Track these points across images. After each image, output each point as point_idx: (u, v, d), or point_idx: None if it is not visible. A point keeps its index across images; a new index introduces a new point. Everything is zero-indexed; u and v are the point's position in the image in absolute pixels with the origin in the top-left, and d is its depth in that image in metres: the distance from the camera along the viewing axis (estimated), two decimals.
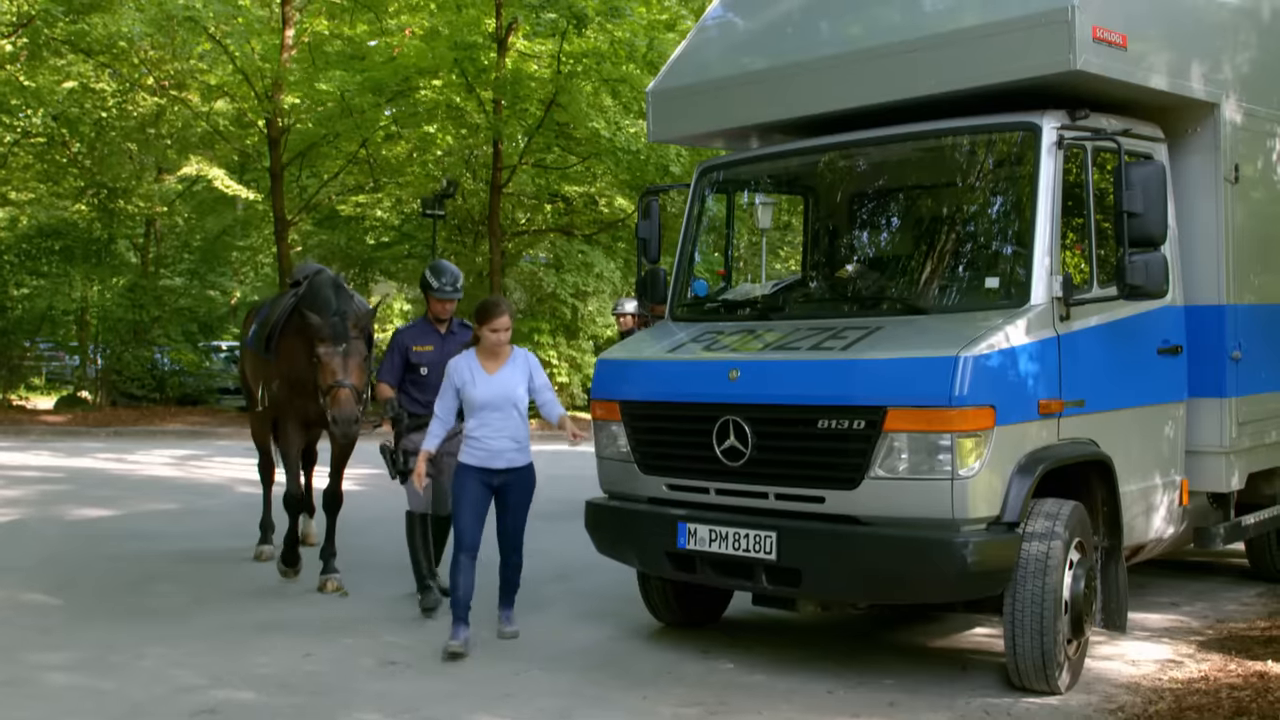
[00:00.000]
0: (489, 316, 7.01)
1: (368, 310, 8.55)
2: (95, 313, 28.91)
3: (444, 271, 8.30)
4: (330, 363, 8.03)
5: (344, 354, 8.06)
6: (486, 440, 6.99)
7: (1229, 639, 7.21)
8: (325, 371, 8.04)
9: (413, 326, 8.48)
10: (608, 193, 27.08)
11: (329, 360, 8.04)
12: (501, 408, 6.97)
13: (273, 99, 25.18)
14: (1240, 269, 7.25)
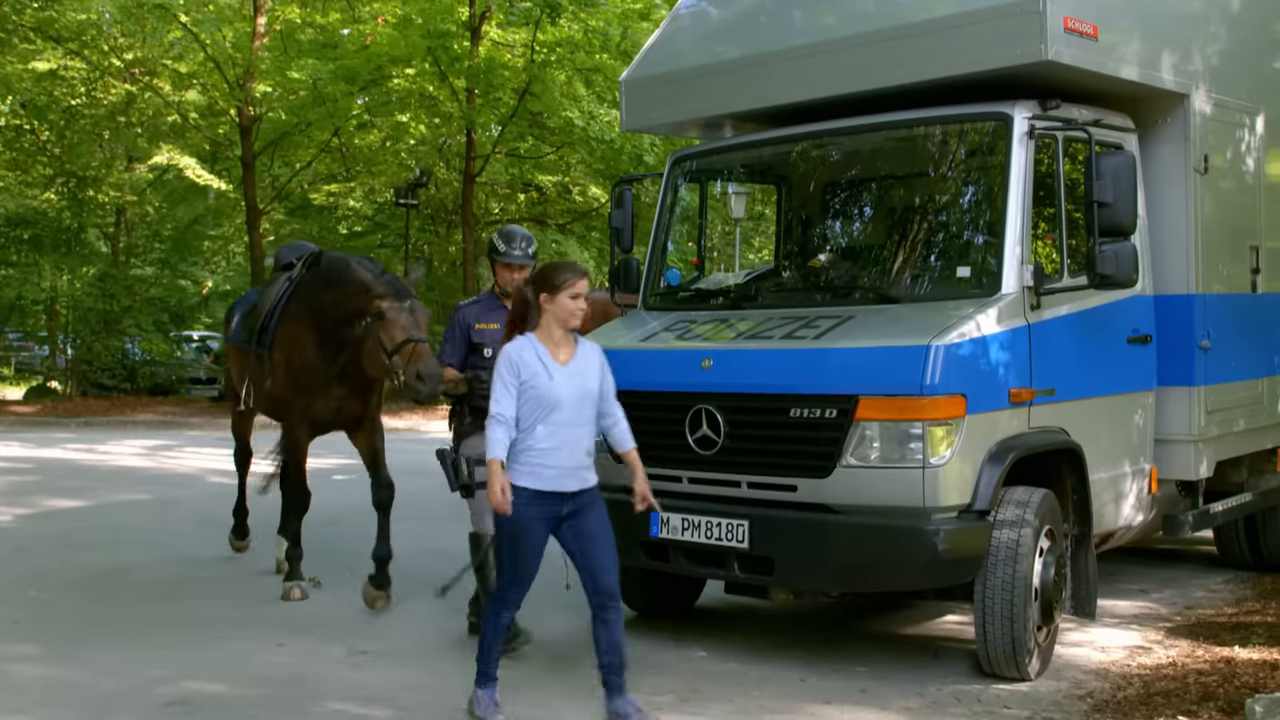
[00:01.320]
0: (563, 281, 5.36)
1: (415, 276, 7.79)
2: (65, 302, 28.75)
3: (514, 235, 7.11)
4: (398, 318, 7.10)
5: (411, 310, 7.16)
6: (558, 454, 5.28)
7: (1197, 625, 7.27)
8: (393, 328, 7.09)
9: (476, 302, 7.16)
10: (581, 182, 27.09)
11: (396, 316, 7.10)
12: (580, 410, 5.35)
13: (244, 87, 25.06)
14: (1209, 259, 7.29)
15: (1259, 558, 8.75)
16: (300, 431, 8.07)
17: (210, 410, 25.58)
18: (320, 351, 7.69)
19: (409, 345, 6.98)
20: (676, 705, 5.82)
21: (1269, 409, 8.02)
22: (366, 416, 8.05)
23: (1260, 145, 7.95)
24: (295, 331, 7.87)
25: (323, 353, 7.70)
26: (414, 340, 6.99)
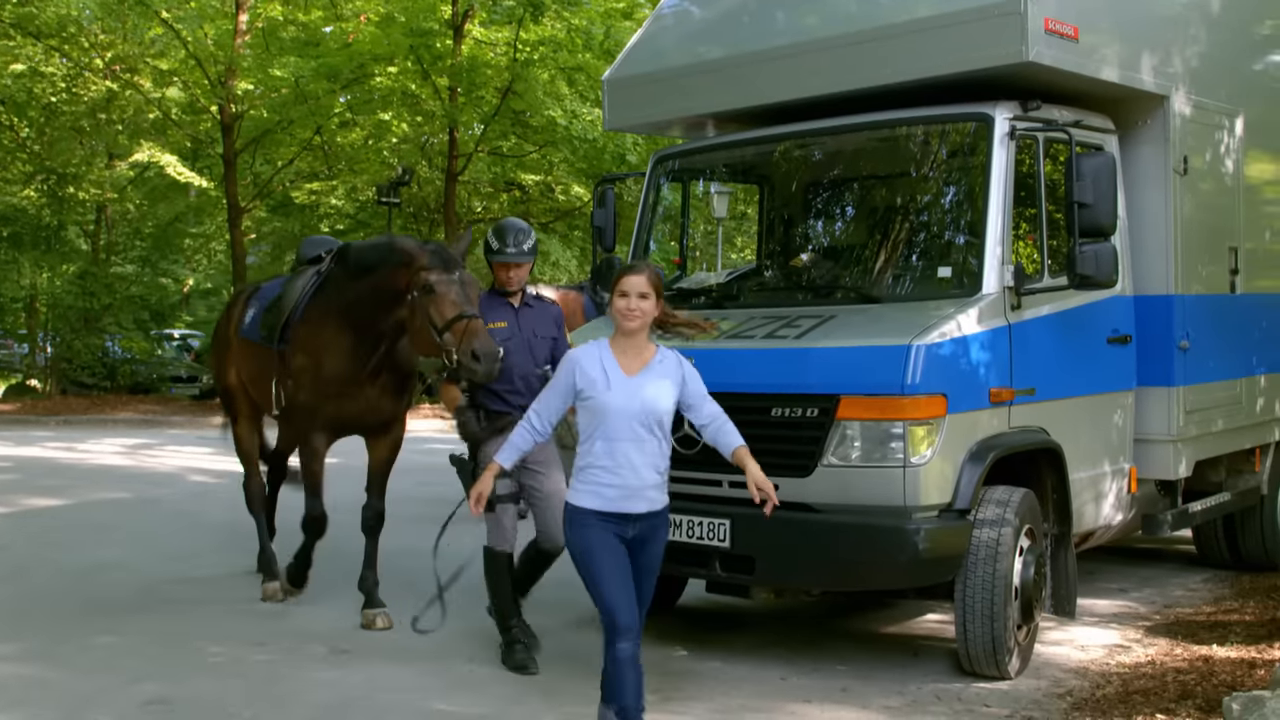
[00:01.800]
0: (618, 275, 4.98)
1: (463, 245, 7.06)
2: (45, 300, 28.53)
3: (508, 230, 6.61)
4: (448, 292, 6.48)
5: (461, 282, 6.56)
6: (618, 473, 4.84)
7: (1175, 624, 7.31)
8: (443, 303, 6.46)
9: (480, 300, 6.73)
10: (564, 181, 27.03)
11: (446, 290, 6.48)
12: (638, 426, 4.85)
13: (226, 85, 24.96)
14: (1188, 260, 7.33)
15: (1237, 557, 8.79)
16: (319, 438, 7.46)
17: (191, 409, 25.48)
18: (353, 349, 7.16)
19: (461, 322, 6.37)
20: (658, 704, 5.82)
21: (1247, 409, 8.07)
22: (396, 419, 7.61)
23: (1239, 147, 7.99)
24: (323, 330, 7.30)
25: (356, 350, 7.17)
26: (466, 316, 6.38)
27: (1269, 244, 8.53)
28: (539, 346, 6.52)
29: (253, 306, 8.22)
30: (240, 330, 8.28)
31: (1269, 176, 8.67)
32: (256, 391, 8.21)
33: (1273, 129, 8.56)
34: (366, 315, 7.05)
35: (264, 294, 8.26)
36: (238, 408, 8.69)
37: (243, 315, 8.33)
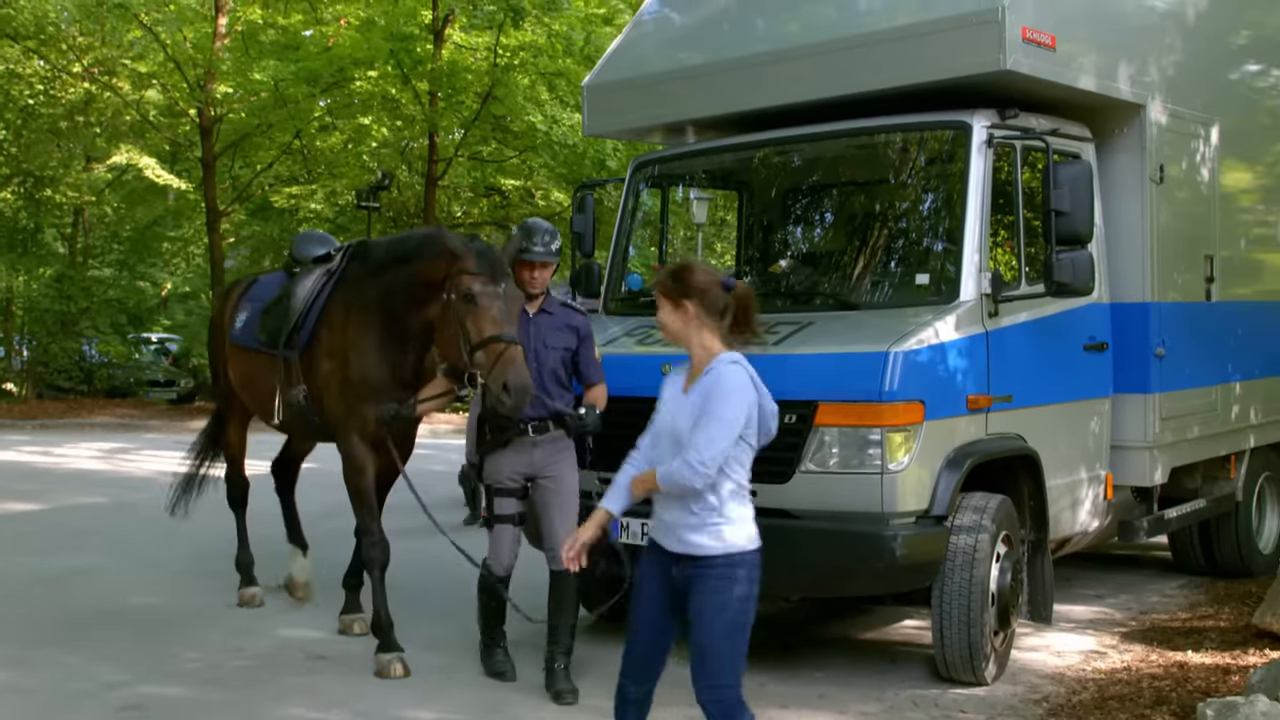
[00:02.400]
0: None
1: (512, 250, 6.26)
2: (21, 303, 28.33)
3: (535, 230, 6.26)
4: (490, 307, 5.84)
5: (505, 297, 5.95)
6: (659, 502, 4.37)
7: (1151, 630, 7.35)
8: (482, 318, 5.83)
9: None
10: (544, 186, 27.01)
11: (488, 304, 5.84)
12: (665, 452, 4.32)
13: (205, 88, 24.87)
14: (1164, 268, 7.38)
15: (1213, 563, 8.84)
16: (361, 453, 6.66)
17: (169, 413, 25.36)
18: (381, 349, 6.55)
19: (498, 345, 5.79)
20: None
21: (1222, 416, 8.12)
22: (414, 432, 7.07)
23: (1215, 156, 8.05)
24: (347, 332, 6.69)
25: (385, 354, 6.56)
26: (505, 340, 5.79)
27: (1244, 252, 8.60)
28: (548, 357, 6.20)
29: (245, 309, 7.65)
30: (232, 334, 7.71)
31: (1244, 185, 8.73)
32: (249, 398, 7.73)
33: (1248, 138, 8.64)
34: (396, 310, 6.47)
35: (258, 294, 7.65)
36: (230, 410, 8.24)
37: (234, 317, 7.74)
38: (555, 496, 6.15)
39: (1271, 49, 9.09)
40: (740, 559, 4.20)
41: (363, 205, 24.55)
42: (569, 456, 6.20)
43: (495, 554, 6.22)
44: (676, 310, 4.30)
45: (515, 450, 6.12)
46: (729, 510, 4.19)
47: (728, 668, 4.20)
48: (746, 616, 4.23)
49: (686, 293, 4.26)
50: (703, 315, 4.26)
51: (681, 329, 4.32)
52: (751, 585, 4.22)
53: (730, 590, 4.18)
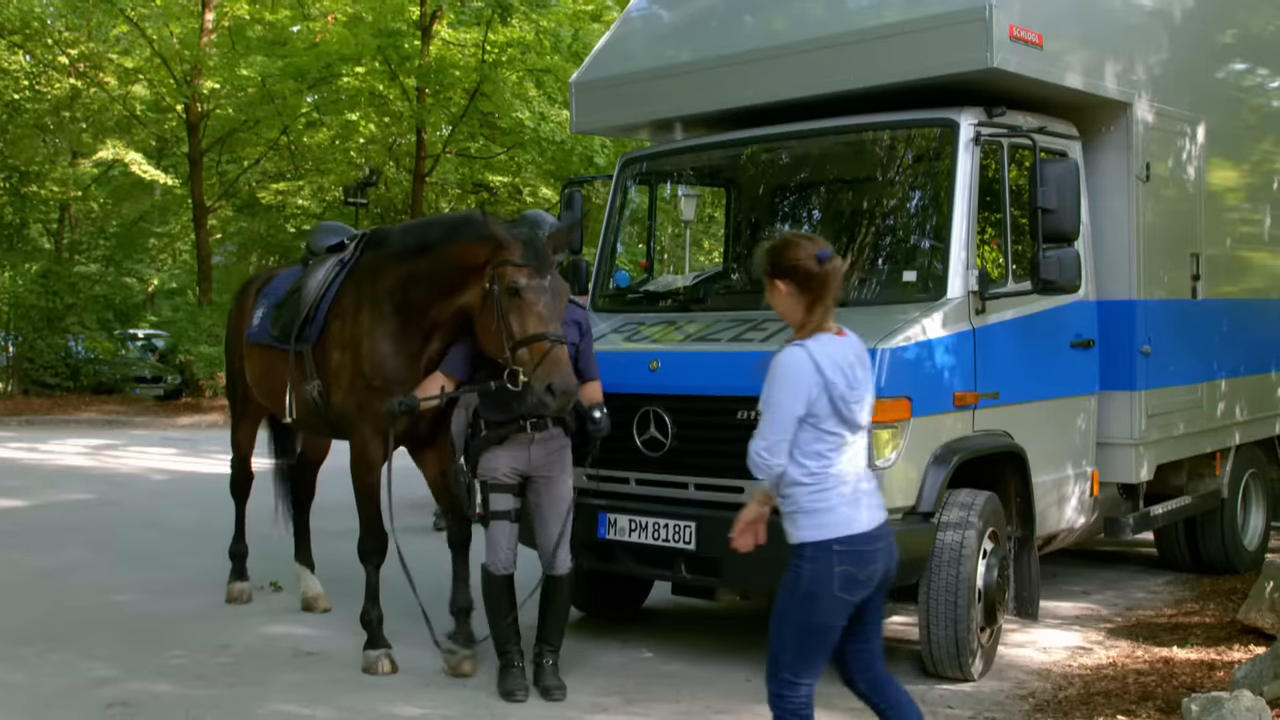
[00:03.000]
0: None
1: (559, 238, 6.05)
2: (7, 299, 28.27)
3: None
4: (536, 302, 5.61)
5: (552, 291, 5.72)
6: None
7: (1137, 626, 7.38)
8: (527, 314, 5.61)
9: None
10: (531, 183, 27.02)
11: (534, 299, 5.61)
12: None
13: (192, 83, 24.82)
14: (1150, 265, 7.40)
15: (1198, 560, 8.87)
16: (376, 449, 6.40)
17: (155, 409, 25.32)
18: (398, 343, 6.27)
19: (543, 343, 5.58)
20: (623, 706, 5.84)
21: (1208, 413, 8.15)
22: (445, 430, 6.73)
23: (1201, 154, 8.07)
24: (360, 321, 6.42)
25: (401, 344, 6.28)
26: (551, 340, 5.59)
27: (1230, 250, 8.63)
28: None
29: (261, 304, 7.41)
30: (248, 332, 7.49)
31: (1230, 183, 8.77)
32: (264, 396, 7.48)
33: (1234, 136, 8.67)
34: (420, 298, 6.18)
35: (275, 288, 7.40)
36: (244, 410, 8.02)
37: (252, 314, 7.52)
38: (549, 496, 6.06)
39: (1257, 48, 9.13)
40: (807, 551, 4.02)
41: (350, 201, 24.54)
42: (565, 455, 6.10)
43: (494, 553, 6.02)
44: (776, 290, 4.13)
45: (512, 447, 5.98)
46: (801, 499, 4.04)
47: (783, 661, 4.13)
48: (810, 615, 4.04)
49: (783, 271, 4.10)
50: (797, 293, 4.07)
51: (786, 310, 4.15)
52: (818, 581, 4.00)
53: (796, 582, 4.05)
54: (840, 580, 3.98)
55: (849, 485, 4.06)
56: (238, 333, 7.77)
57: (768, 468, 4.03)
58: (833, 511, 4.01)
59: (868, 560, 4.02)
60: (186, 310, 27.86)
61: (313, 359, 6.68)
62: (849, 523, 4.00)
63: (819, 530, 4.00)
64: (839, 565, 3.98)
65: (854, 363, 4.07)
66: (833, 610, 4.03)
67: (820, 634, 4.06)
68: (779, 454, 4.00)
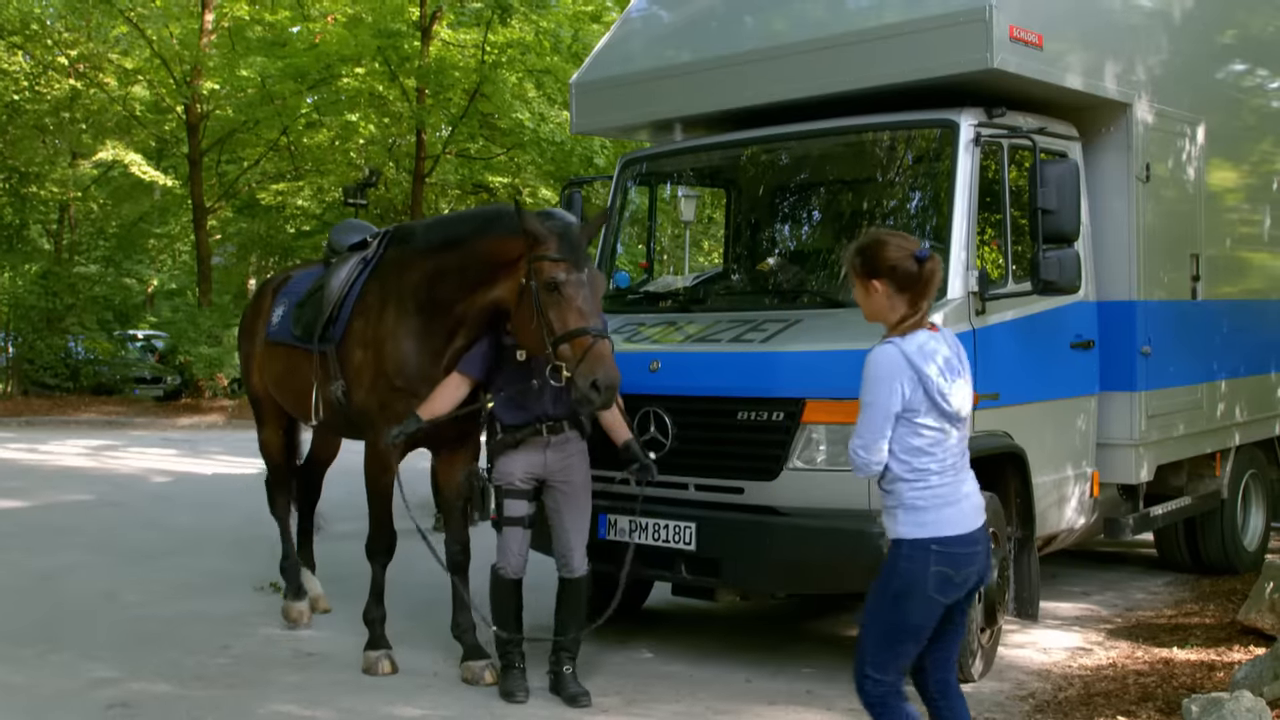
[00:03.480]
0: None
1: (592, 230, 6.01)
2: (7, 300, 28.26)
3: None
4: (575, 298, 5.51)
5: (590, 285, 5.63)
6: None
7: (1137, 627, 7.38)
8: (567, 309, 5.50)
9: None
10: (531, 183, 27.00)
11: (574, 294, 5.51)
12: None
13: (191, 84, 24.83)
14: (1150, 266, 7.40)
15: (1198, 561, 8.87)
16: (391, 450, 6.26)
17: (154, 410, 25.32)
18: (422, 336, 6.18)
19: (585, 338, 5.47)
20: (623, 706, 5.84)
21: (1208, 414, 8.15)
22: (473, 431, 6.50)
23: (1201, 155, 8.07)
24: (385, 319, 6.32)
25: (427, 337, 6.18)
26: (594, 334, 5.49)
27: (1230, 251, 8.64)
28: None
29: (281, 303, 7.31)
30: (267, 332, 7.36)
31: (1230, 184, 8.77)
32: (285, 398, 7.34)
33: (1233, 137, 8.68)
34: (447, 294, 6.07)
35: (295, 287, 7.31)
36: (264, 413, 7.77)
37: (270, 314, 7.41)
38: (569, 500, 5.98)
39: (1257, 48, 9.13)
40: (903, 548, 3.96)
41: (350, 202, 24.53)
42: (582, 459, 6.02)
43: (505, 557, 5.99)
44: (867, 291, 4.06)
45: (527, 451, 5.91)
46: (903, 494, 3.97)
47: (869, 657, 4.03)
48: (901, 614, 3.97)
49: (876, 271, 4.01)
50: (894, 293, 3.99)
51: (875, 311, 4.07)
52: (913, 580, 3.92)
53: (889, 579, 4.00)
54: (935, 581, 3.92)
55: (951, 484, 4.00)
56: (253, 336, 7.64)
57: (866, 466, 3.96)
58: (933, 510, 3.95)
59: (964, 562, 3.97)
60: (186, 311, 27.86)
61: (336, 358, 6.58)
62: (949, 523, 3.95)
63: (918, 528, 3.95)
64: (935, 565, 3.92)
65: (949, 355, 4.00)
66: (924, 611, 3.97)
67: (909, 633, 4.00)
68: (876, 452, 3.94)
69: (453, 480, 6.53)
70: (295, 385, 7.02)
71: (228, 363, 24.56)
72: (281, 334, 7.15)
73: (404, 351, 6.20)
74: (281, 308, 7.27)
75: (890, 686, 4.01)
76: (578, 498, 6.00)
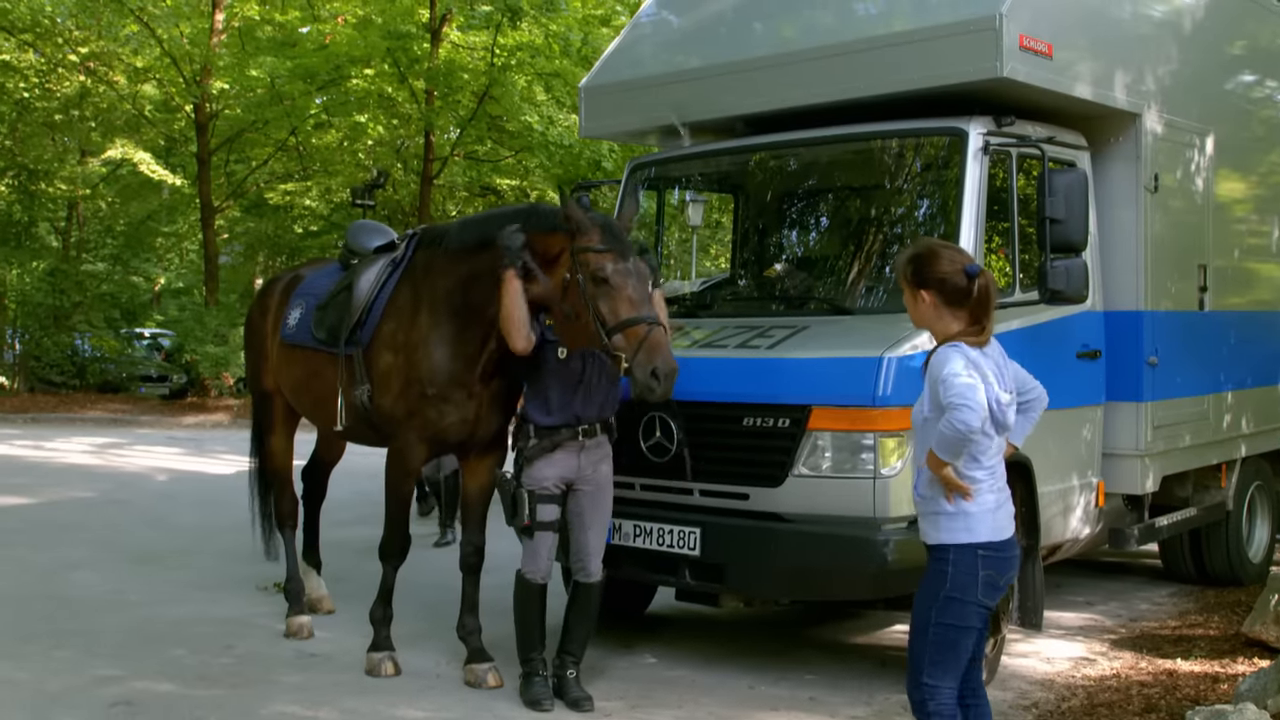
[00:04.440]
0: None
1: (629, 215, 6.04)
2: (14, 297, 28.34)
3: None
4: (624, 287, 5.45)
5: (637, 275, 5.55)
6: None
7: (1141, 637, 7.37)
8: (618, 299, 5.43)
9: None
10: (539, 186, 27.00)
11: (622, 284, 5.45)
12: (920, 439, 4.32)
13: (201, 83, 24.87)
14: (1158, 276, 7.39)
15: (1202, 572, 8.85)
16: (415, 455, 6.31)
17: (160, 408, 25.35)
18: (455, 341, 6.13)
19: (639, 327, 5.39)
20: (626, 711, 5.84)
21: (1214, 425, 8.14)
22: (501, 436, 6.50)
23: (1209, 165, 8.07)
24: (418, 324, 6.23)
25: (460, 343, 6.13)
26: (648, 322, 5.40)
27: (1238, 262, 8.63)
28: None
29: (298, 305, 7.14)
30: (283, 333, 7.17)
31: (1238, 195, 8.76)
32: (303, 402, 7.22)
33: (1242, 148, 8.67)
34: (481, 297, 5.99)
35: (311, 288, 7.16)
36: (274, 416, 7.62)
37: (283, 313, 7.26)
38: (593, 504, 5.94)
39: (1266, 60, 9.13)
40: (950, 554, 4.04)
41: (358, 203, 24.54)
42: (608, 462, 5.98)
43: (535, 562, 5.92)
44: (915, 299, 4.17)
45: (562, 455, 5.85)
46: (946, 500, 4.05)
47: (924, 667, 4.08)
48: (952, 619, 4.03)
49: (924, 281, 4.12)
50: (941, 305, 4.10)
51: (921, 319, 4.20)
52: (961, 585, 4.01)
53: (938, 586, 4.06)
54: (984, 585, 4.01)
55: (996, 491, 4.10)
56: (262, 335, 7.53)
57: (977, 413, 3.90)
58: (979, 516, 4.04)
59: (1007, 567, 4.07)
60: (193, 310, 27.90)
61: (363, 362, 6.48)
62: (995, 529, 4.05)
63: (966, 534, 4.03)
64: (983, 570, 4.01)
65: (1000, 363, 4.09)
66: (973, 614, 4.05)
67: (960, 637, 4.06)
68: (980, 406, 3.92)
69: (477, 484, 6.49)
70: (315, 390, 6.91)
71: (234, 361, 24.61)
72: (301, 336, 6.99)
73: (437, 358, 6.14)
74: (299, 309, 7.12)
75: (949, 697, 4.06)
76: (601, 501, 5.96)
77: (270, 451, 7.74)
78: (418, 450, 6.32)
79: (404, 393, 6.24)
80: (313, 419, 7.27)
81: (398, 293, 6.46)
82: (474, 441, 6.36)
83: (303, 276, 7.49)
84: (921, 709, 4.09)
